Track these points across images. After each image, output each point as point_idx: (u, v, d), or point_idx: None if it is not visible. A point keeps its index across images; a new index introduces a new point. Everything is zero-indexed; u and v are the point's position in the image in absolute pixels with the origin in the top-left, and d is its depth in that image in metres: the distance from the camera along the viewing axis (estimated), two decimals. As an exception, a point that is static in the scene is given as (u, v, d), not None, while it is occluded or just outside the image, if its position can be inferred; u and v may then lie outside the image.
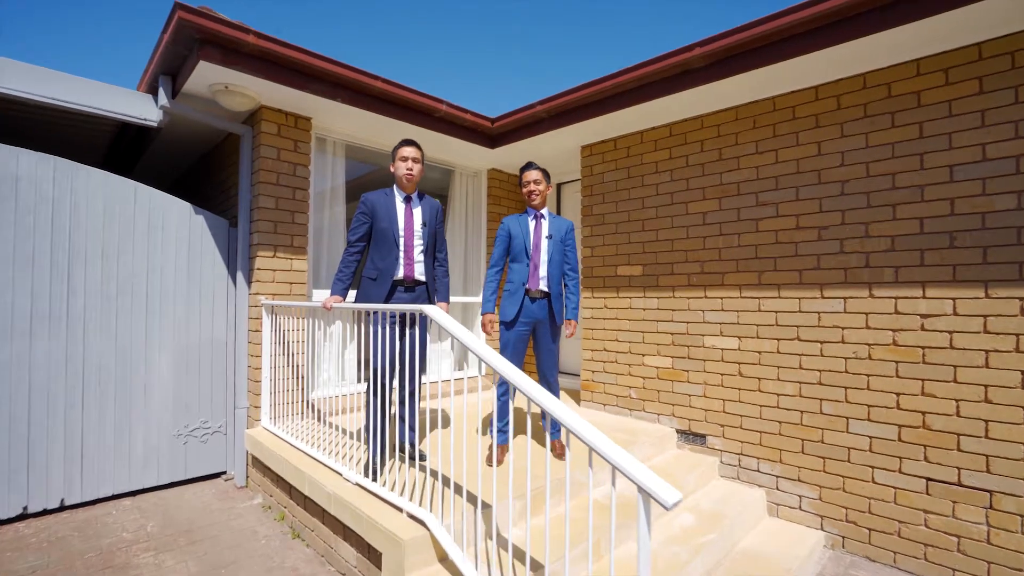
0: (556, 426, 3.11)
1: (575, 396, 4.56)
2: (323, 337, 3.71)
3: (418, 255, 2.88)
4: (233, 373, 3.66)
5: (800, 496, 3.10)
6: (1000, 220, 2.50)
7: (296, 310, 3.38)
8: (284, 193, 3.59)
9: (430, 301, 2.96)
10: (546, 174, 3.02)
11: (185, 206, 3.51)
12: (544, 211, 3.05)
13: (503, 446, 2.93)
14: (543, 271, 2.94)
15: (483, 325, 2.98)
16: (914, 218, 2.73)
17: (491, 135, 4.43)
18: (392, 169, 2.94)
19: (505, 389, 2.98)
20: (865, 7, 2.45)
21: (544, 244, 2.97)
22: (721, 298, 3.47)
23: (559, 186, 5.47)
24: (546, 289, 2.94)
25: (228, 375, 3.66)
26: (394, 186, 2.96)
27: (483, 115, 4.20)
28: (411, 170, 2.83)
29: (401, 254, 2.83)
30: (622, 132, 4.03)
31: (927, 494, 2.68)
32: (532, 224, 3.01)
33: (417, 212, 2.92)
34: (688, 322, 3.64)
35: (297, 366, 3.60)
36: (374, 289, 2.81)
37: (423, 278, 2.89)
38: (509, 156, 4.76)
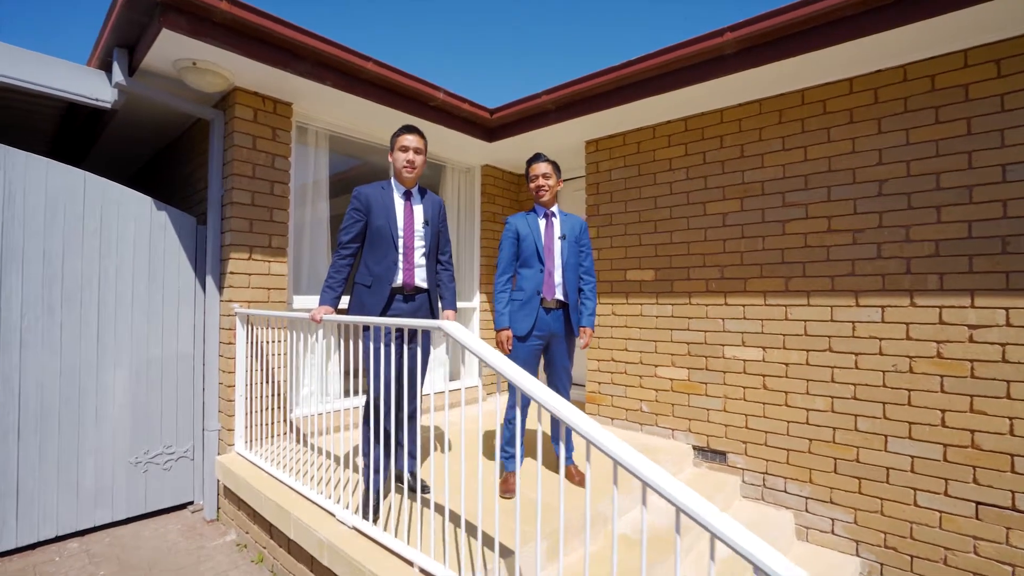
0: (571, 449, 2.81)
1: (579, 408, 4.26)
2: (305, 348, 3.31)
3: (419, 258, 2.53)
4: (202, 391, 3.22)
5: (833, 519, 2.88)
6: (1059, 224, 2.31)
7: (276, 320, 2.98)
8: (261, 187, 3.18)
9: (432, 312, 2.62)
10: (556, 167, 2.71)
11: (145, 200, 3.06)
12: (555, 208, 2.74)
13: (514, 473, 2.61)
14: (558, 277, 2.63)
15: (499, 344, 2.64)
16: (961, 221, 2.53)
17: (489, 128, 4.09)
18: (390, 159, 2.58)
19: (514, 415, 2.65)
20: (923, -12, 2.23)
21: (557, 246, 2.65)
22: (743, 305, 3.23)
23: (556, 184, 5.17)
24: (562, 298, 2.63)
25: (196, 393, 3.22)
26: (391, 179, 2.60)
27: (482, 105, 3.86)
28: (412, 162, 2.48)
29: (400, 257, 2.48)
30: (632, 126, 3.75)
31: (977, 519, 2.48)
32: (542, 224, 2.69)
33: (418, 209, 2.57)
34: (706, 331, 3.39)
35: (277, 382, 3.19)
36: (369, 298, 2.45)
37: (425, 284, 2.54)
38: (506, 151, 4.44)
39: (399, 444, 2.54)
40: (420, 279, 2.53)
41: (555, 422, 2.83)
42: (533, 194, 2.74)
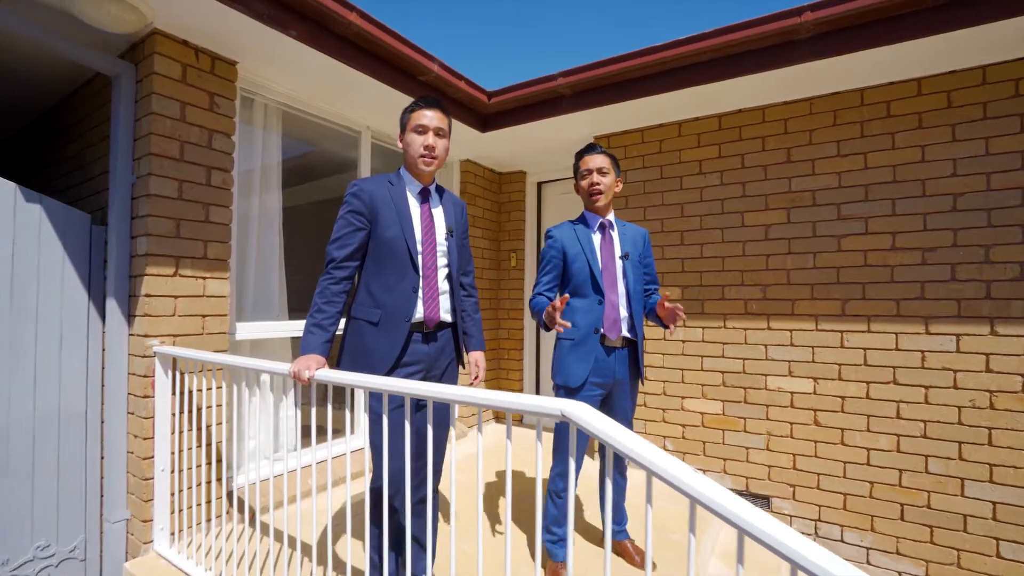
0: (624, 519, 2.23)
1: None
2: (249, 392, 2.44)
3: (442, 281, 1.83)
4: (99, 465, 2.25)
5: (900, 572, 2.56)
6: None
7: (219, 368, 2.09)
8: (192, 174, 2.27)
9: (458, 355, 1.93)
10: (615, 161, 2.12)
11: (7, 188, 2.05)
12: (611, 217, 2.15)
13: (564, 564, 1.99)
14: (624, 310, 2.03)
15: (550, 317, 1.82)
16: (1050, 242, 2.29)
17: (484, 114, 3.42)
18: (400, 145, 1.87)
19: (565, 485, 2.03)
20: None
21: (619, 268, 2.06)
22: (790, 330, 2.85)
23: (539, 185, 4.60)
24: (629, 335, 2.04)
25: (90, 468, 2.25)
26: (400, 172, 1.88)
27: (479, 86, 3.18)
28: (431, 148, 1.78)
29: (421, 281, 1.77)
30: (653, 121, 3.27)
31: (1068, 571, 2.25)
32: (597, 239, 2.09)
33: (439, 214, 1.88)
34: (745, 358, 2.98)
35: (215, 444, 2.30)
36: (376, 340, 1.72)
37: (450, 317, 1.85)
38: (496, 144, 3.78)
39: (417, 540, 1.82)
40: (445, 310, 1.83)
41: (603, 484, 2.24)
42: (584, 197, 2.13)
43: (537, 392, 4.54)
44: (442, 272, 1.84)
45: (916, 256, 2.55)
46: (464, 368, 1.95)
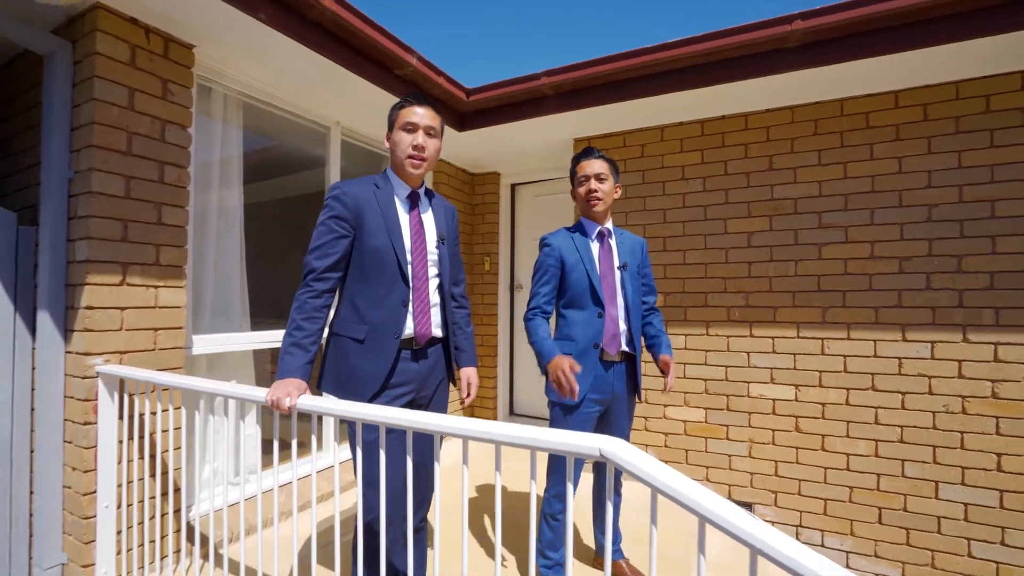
0: (619, 538, 2.15)
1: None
2: (205, 415, 2.20)
3: (433, 293, 1.69)
4: (27, 502, 1.96)
5: (877, 575, 2.62)
6: (1117, 260, 2.24)
7: (176, 392, 1.85)
8: (142, 170, 2.02)
9: (449, 371, 1.78)
10: (614, 167, 2.03)
11: (-91, 182, 1.74)
12: (609, 225, 2.06)
13: (563, 589, 1.89)
14: (623, 323, 1.95)
15: (559, 378, 1.73)
16: (1018, 253, 2.38)
17: (461, 113, 3.27)
18: (387, 144, 1.71)
19: (563, 507, 1.93)
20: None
21: (618, 279, 1.97)
22: (772, 337, 2.86)
23: (513, 187, 4.49)
24: (628, 349, 1.96)
25: (17, 506, 1.95)
26: (387, 173, 1.72)
27: (458, 83, 3.04)
28: (421, 147, 1.63)
29: (411, 293, 1.61)
30: (637, 125, 3.22)
31: (1034, 569, 2.34)
32: (595, 248, 1.99)
33: (429, 220, 1.73)
34: (728, 366, 2.97)
35: (170, 472, 2.05)
36: (363, 360, 1.56)
37: (441, 332, 1.71)
38: (470, 145, 3.63)
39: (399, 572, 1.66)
40: (436, 325, 1.69)
41: (599, 502, 2.16)
42: (581, 204, 2.03)
43: (511, 405, 4.43)
44: (433, 283, 1.69)
45: (894, 265, 2.60)
46: (454, 386, 1.81)
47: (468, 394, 1.81)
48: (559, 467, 1.93)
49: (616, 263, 1.98)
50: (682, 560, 2.30)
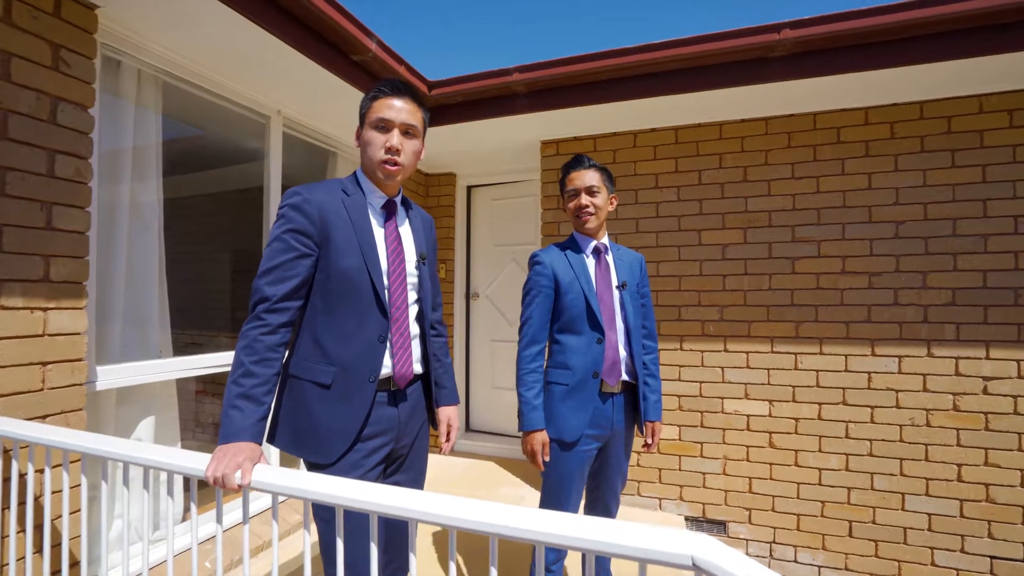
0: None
1: (534, 476, 3.42)
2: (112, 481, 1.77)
3: (413, 322, 1.41)
4: None
5: (842, 588, 2.64)
6: (1064, 279, 2.36)
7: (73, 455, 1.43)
8: (23, 159, 1.57)
9: (431, 412, 1.52)
10: (608, 176, 1.84)
11: None
12: (605, 239, 1.87)
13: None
14: (623, 349, 1.76)
15: (531, 454, 1.66)
16: (977, 270, 2.47)
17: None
18: (357, 143, 1.42)
19: (558, 556, 1.72)
20: None
21: (617, 300, 1.79)
22: (746, 352, 2.81)
23: (469, 189, 4.23)
24: (628, 378, 1.77)
25: None
26: (357, 177, 1.43)
27: (421, 74, 2.74)
28: (395, 151, 1.34)
29: (389, 324, 1.33)
30: (609, 129, 3.07)
31: (991, 574, 2.43)
32: (591, 264, 1.80)
33: (407, 234, 1.46)
34: (702, 382, 2.90)
35: (65, 542, 1.61)
36: (329, 408, 1.27)
37: (420, 368, 1.44)
38: (428, 142, 3.33)
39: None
40: (416, 360, 1.41)
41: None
42: (571, 217, 1.82)
43: (468, 420, 4.17)
44: (412, 311, 1.41)
45: (863, 280, 2.63)
46: (434, 429, 1.54)
47: (448, 439, 1.55)
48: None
49: (614, 282, 1.79)
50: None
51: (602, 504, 1.84)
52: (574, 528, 0.78)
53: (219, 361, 2.31)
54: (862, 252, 2.63)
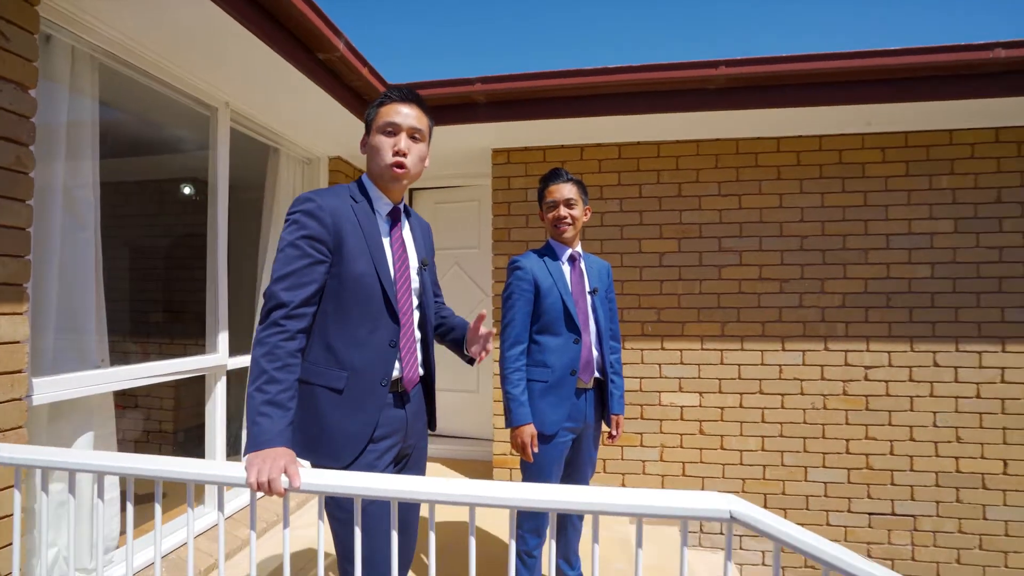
0: (577, 565, 2.13)
1: (487, 470, 3.50)
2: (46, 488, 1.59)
3: (418, 327, 1.46)
4: None
5: (762, 551, 3.04)
6: (920, 286, 2.93)
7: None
8: (-45, 146, 1.37)
9: (431, 414, 1.57)
10: (583, 189, 2.00)
11: None
12: (579, 247, 2.03)
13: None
14: (595, 349, 1.93)
15: (520, 447, 1.77)
16: (860, 278, 2.98)
17: (379, 109, 2.93)
18: (363, 148, 1.43)
19: (539, 541, 1.85)
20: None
21: (590, 304, 1.95)
22: (680, 350, 3.14)
23: (411, 192, 4.22)
24: (599, 375, 1.95)
25: None
26: (363, 183, 1.45)
27: (382, 77, 2.72)
28: (403, 155, 1.39)
29: (399, 329, 1.37)
30: (557, 142, 3.26)
31: (869, 527, 2.95)
32: (567, 270, 1.95)
33: (409, 241, 1.50)
34: (642, 377, 3.18)
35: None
36: (342, 413, 1.28)
37: (423, 371, 1.49)
38: (381, 143, 3.29)
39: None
40: (420, 364, 1.46)
41: (561, 529, 2.10)
42: (549, 227, 1.96)
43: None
44: (416, 316, 1.46)
45: (775, 286, 3.05)
46: (433, 430, 1.59)
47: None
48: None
49: (587, 287, 1.96)
50: (625, 572, 2.39)
51: (575, 492, 1.98)
52: (627, 498, 0.92)
53: (165, 370, 2.13)
54: (775, 262, 3.06)
